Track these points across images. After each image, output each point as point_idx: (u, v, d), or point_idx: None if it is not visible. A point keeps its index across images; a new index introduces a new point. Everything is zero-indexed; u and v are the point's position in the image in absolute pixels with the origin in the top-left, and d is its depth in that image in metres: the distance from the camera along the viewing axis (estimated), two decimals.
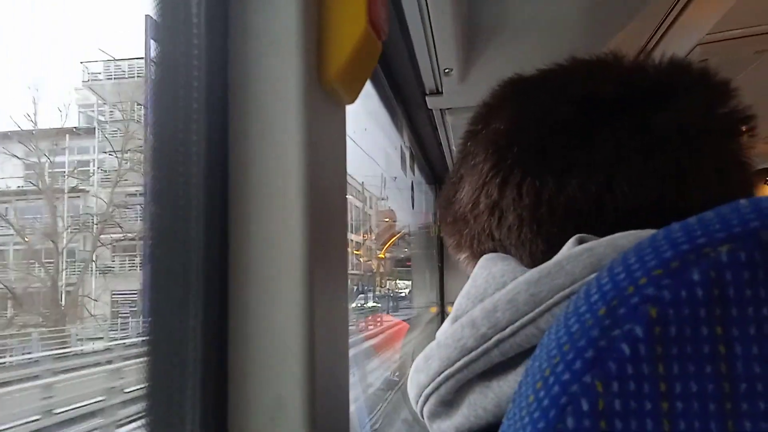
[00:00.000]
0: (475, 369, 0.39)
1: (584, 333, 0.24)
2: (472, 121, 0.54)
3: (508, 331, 0.38)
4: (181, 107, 0.38)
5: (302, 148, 0.41)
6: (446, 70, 1.32)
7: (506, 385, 0.38)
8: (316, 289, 0.42)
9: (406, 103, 1.65)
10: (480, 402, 0.39)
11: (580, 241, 0.40)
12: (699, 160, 0.43)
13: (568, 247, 0.40)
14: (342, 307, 0.47)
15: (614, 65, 0.49)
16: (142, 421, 0.39)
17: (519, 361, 0.38)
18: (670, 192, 0.43)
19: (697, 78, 0.46)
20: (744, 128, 0.45)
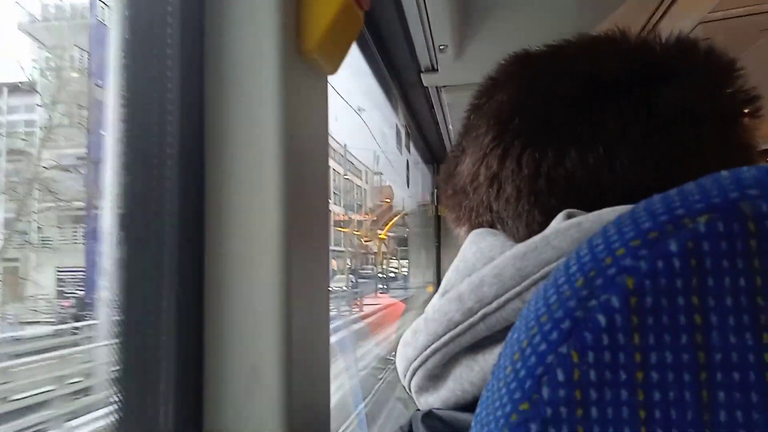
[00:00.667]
0: (461, 343, 0.39)
1: (561, 304, 0.24)
2: (476, 95, 0.53)
3: (494, 305, 0.38)
4: (155, 78, 0.37)
5: (280, 118, 0.41)
6: (441, 47, 1.31)
7: (492, 358, 0.38)
8: (294, 261, 0.42)
9: (402, 81, 1.63)
10: (466, 376, 0.39)
11: (569, 216, 0.40)
12: (702, 142, 0.43)
13: (557, 222, 0.40)
14: (322, 279, 0.47)
15: (621, 42, 0.48)
16: (115, 390, 0.39)
17: (505, 336, 0.38)
18: (670, 171, 0.42)
19: (703, 57, 0.46)
20: (748, 110, 0.44)
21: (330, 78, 0.51)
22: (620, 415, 0.22)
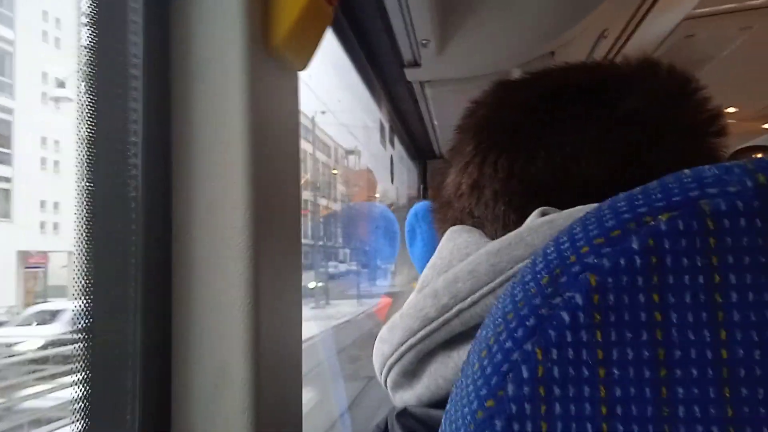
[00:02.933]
0: (436, 339, 0.39)
1: (527, 301, 0.25)
2: (461, 117, 0.57)
3: (468, 301, 0.38)
4: (119, 74, 0.36)
5: (247, 114, 0.40)
6: (423, 42, 1.31)
7: (466, 354, 0.39)
8: (263, 258, 0.42)
9: (385, 76, 1.63)
10: (440, 372, 0.40)
11: (543, 214, 0.41)
12: (661, 147, 0.45)
13: (531, 220, 0.41)
14: (294, 277, 0.47)
15: (588, 62, 0.53)
16: (82, 390, 0.39)
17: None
18: (630, 170, 0.44)
19: (665, 74, 0.49)
20: (713, 129, 0.47)
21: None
22: (583, 411, 0.23)
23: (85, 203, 0.39)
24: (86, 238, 0.39)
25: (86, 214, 0.39)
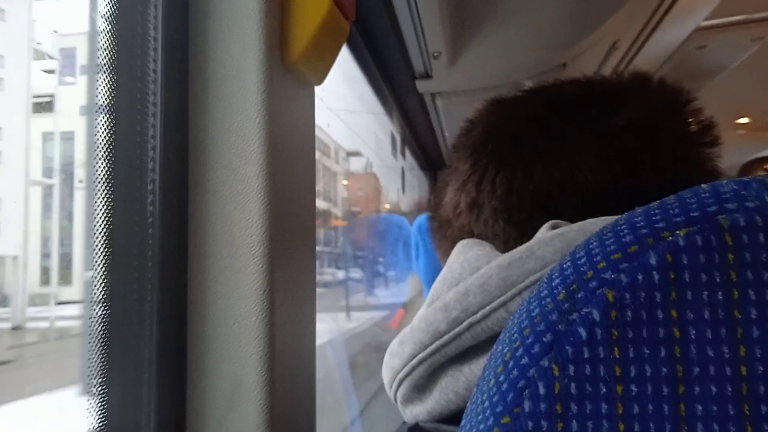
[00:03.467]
0: (447, 353, 0.39)
1: (544, 317, 0.24)
2: (457, 136, 0.57)
3: (479, 314, 0.38)
4: (139, 90, 0.37)
5: (264, 129, 0.41)
6: (435, 54, 1.32)
7: (477, 368, 0.38)
8: (279, 272, 0.42)
9: (396, 87, 1.64)
10: (451, 386, 0.40)
11: (554, 227, 0.40)
12: (656, 157, 0.45)
13: (542, 233, 0.41)
14: (309, 289, 0.47)
15: (582, 78, 0.53)
16: (98, 401, 0.39)
17: (490, 345, 0.38)
18: (628, 183, 0.45)
19: (657, 85, 0.50)
20: (707, 139, 0.48)
21: None
22: (600, 428, 0.23)
23: (101, 214, 0.39)
24: (103, 249, 0.39)
25: (103, 226, 0.39)
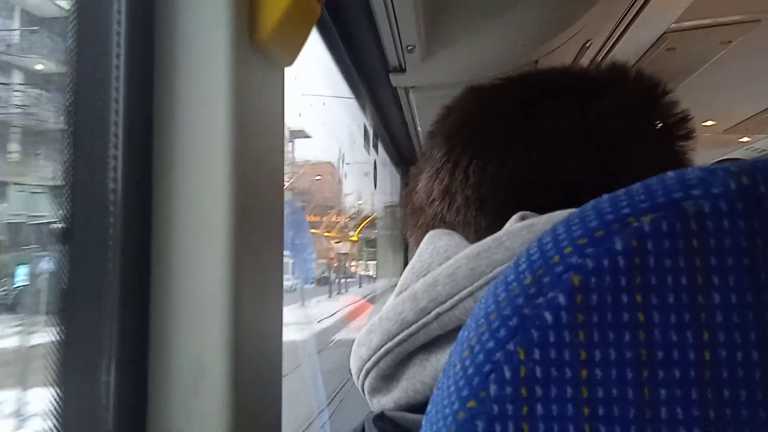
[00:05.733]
0: (414, 342, 0.39)
1: (510, 301, 0.24)
2: (432, 123, 0.57)
3: (447, 304, 0.38)
4: (102, 67, 0.36)
5: (231, 109, 0.40)
6: (409, 47, 1.31)
7: (444, 358, 0.38)
8: (244, 253, 0.41)
9: (370, 80, 1.63)
10: (419, 375, 0.39)
11: (522, 218, 0.41)
12: (636, 146, 0.46)
13: (510, 224, 0.41)
14: (274, 273, 0.46)
15: (561, 68, 0.53)
16: (56, 386, 0.38)
17: (458, 335, 0.38)
18: (609, 172, 0.44)
19: (634, 77, 0.50)
20: (681, 132, 0.48)
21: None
22: (565, 411, 0.23)
23: (63, 196, 0.38)
24: (65, 239, 0.38)
25: (65, 208, 0.38)
